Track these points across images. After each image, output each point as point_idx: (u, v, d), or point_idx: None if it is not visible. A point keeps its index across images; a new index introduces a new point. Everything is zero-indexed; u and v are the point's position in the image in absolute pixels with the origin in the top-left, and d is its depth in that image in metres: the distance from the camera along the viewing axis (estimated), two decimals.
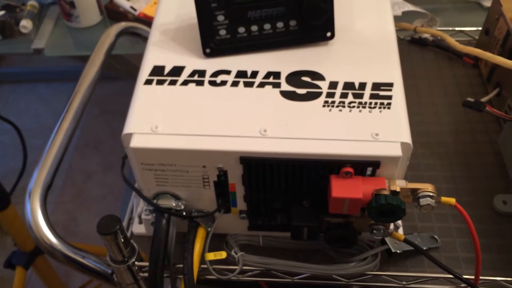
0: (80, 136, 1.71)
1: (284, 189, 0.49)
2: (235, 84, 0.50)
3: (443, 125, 0.67)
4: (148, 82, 0.50)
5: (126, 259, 0.51)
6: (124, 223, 0.57)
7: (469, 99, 0.64)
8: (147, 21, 0.95)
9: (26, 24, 0.96)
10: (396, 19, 0.57)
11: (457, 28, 0.80)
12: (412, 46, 0.79)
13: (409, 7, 0.84)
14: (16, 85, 1.90)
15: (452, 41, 0.70)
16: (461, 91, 0.72)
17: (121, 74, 1.21)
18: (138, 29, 0.80)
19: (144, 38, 0.82)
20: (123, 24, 0.78)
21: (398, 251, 0.53)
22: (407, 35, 0.79)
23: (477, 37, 0.76)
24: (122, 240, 0.49)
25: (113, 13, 1.00)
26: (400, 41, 0.77)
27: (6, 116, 1.02)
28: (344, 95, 0.48)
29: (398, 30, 0.77)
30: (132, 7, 0.97)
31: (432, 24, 0.82)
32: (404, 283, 0.52)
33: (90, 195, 1.58)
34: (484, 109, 0.62)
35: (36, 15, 1.00)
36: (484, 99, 0.65)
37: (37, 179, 0.56)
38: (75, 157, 1.66)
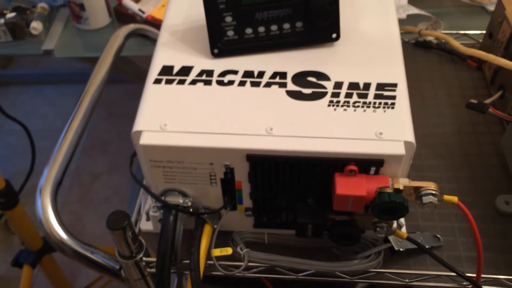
0: (87, 138, 1.73)
1: (289, 186, 0.50)
2: (242, 83, 0.51)
3: (447, 126, 0.68)
4: (157, 81, 0.51)
5: (134, 255, 0.52)
6: (132, 220, 0.58)
7: (473, 100, 0.65)
8: (155, 23, 0.96)
9: (36, 26, 0.98)
10: (401, 22, 0.58)
11: (461, 32, 0.81)
12: (417, 49, 0.79)
13: (414, 10, 0.85)
14: (24, 87, 1.92)
15: (456, 43, 0.71)
16: (464, 94, 0.72)
17: (128, 76, 1.23)
18: (146, 31, 0.81)
19: (152, 40, 0.83)
20: (132, 26, 0.79)
21: (401, 249, 0.53)
22: (412, 38, 0.80)
23: (481, 40, 0.77)
24: (131, 235, 0.50)
25: (121, 16, 1.02)
26: (404, 44, 0.78)
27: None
28: (349, 95, 0.49)
29: (403, 33, 0.78)
30: (140, 10, 0.99)
31: (437, 27, 0.83)
32: (406, 280, 0.53)
33: (96, 196, 1.59)
34: (487, 111, 0.63)
35: (46, 17, 1.02)
36: (487, 101, 0.66)
37: (48, 176, 0.57)
38: (82, 159, 1.68)
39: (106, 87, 0.70)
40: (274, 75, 0.51)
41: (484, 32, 0.76)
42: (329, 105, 0.48)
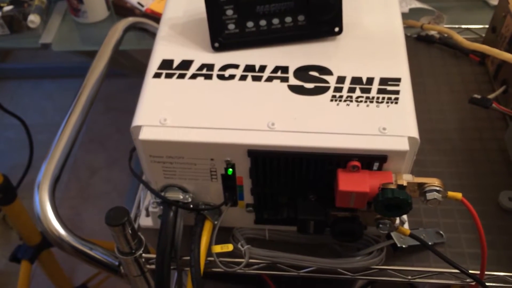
0: (86, 132, 1.72)
1: (291, 182, 0.49)
2: (243, 78, 0.50)
3: (449, 122, 0.68)
4: (157, 75, 0.50)
5: (133, 251, 0.51)
6: (131, 216, 0.57)
7: (476, 96, 0.64)
8: (154, 17, 0.95)
9: (34, 19, 0.96)
10: (403, 16, 0.57)
11: (463, 26, 0.80)
12: (419, 44, 0.79)
13: (416, 4, 0.84)
14: (22, 81, 1.91)
15: (459, 38, 0.71)
16: (467, 89, 0.72)
17: (127, 70, 1.22)
18: (145, 24, 0.80)
19: (151, 34, 0.82)
20: (131, 19, 0.78)
21: (403, 246, 0.53)
22: (414, 32, 0.79)
23: (483, 35, 0.76)
24: (130, 231, 0.49)
25: (120, 9, 1.01)
26: (406, 38, 0.77)
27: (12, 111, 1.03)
28: (351, 90, 0.48)
29: (405, 27, 0.77)
30: (139, 3, 0.98)
31: (439, 21, 0.82)
32: (409, 277, 0.52)
33: (95, 191, 1.58)
34: (490, 106, 0.62)
35: (44, 10, 1.01)
36: (490, 96, 0.65)
37: (46, 171, 0.56)
38: (80, 153, 1.67)
39: (104, 81, 0.69)
40: (275, 69, 0.50)
41: (486, 26, 0.75)
42: (331, 100, 0.48)
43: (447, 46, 0.77)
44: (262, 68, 0.51)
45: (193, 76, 0.50)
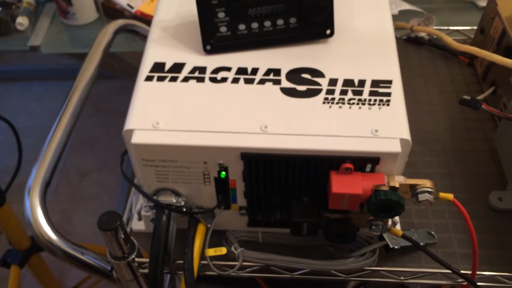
0: (75, 135, 1.70)
1: (284, 185, 0.49)
2: (235, 80, 0.50)
3: (439, 123, 0.68)
4: (149, 78, 0.50)
5: (126, 255, 0.51)
6: (123, 220, 0.57)
7: (466, 97, 0.65)
8: (144, 19, 0.95)
9: (22, 21, 0.96)
10: (393, 18, 0.58)
11: (452, 27, 0.81)
12: (408, 45, 0.79)
13: (406, 6, 0.85)
14: (10, 84, 1.89)
15: (449, 39, 0.71)
16: (456, 90, 0.72)
17: (116, 72, 1.21)
18: (136, 26, 0.80)
19: (141, 36, 0.82)
20: (120, 22, 0.78)
21: (396, 247, 0.53)
22: (404, 34, 0.80)
23: (472, 36, 0.77)
24: (122, 236, 0.49)
25: (109, 11, 1.00)
26: (396, 40, 0.78)
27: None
28: (343, 92, 0.49)
29: (395, 29, 0.78)
30: (129, 5, 0.97)
31: (429, 23, 0.83)
32: (401, 278, 0.53)
33: (85, 194, 1.57)
34: (480, 107, 0.63)
35: (32, 12, 1.00)
36: (479, 97, 0.65)
37: (36, 175, 0.56)
38: (70, 156, 1.65)
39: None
40: (268, 72, 0.50)
41: (475, 28, 0.76)
42: (324, 102, 0.48)
43: (437, 48, 0.78)
44: (255, 71, 0.51)
45: (185, 79, 0.50)
